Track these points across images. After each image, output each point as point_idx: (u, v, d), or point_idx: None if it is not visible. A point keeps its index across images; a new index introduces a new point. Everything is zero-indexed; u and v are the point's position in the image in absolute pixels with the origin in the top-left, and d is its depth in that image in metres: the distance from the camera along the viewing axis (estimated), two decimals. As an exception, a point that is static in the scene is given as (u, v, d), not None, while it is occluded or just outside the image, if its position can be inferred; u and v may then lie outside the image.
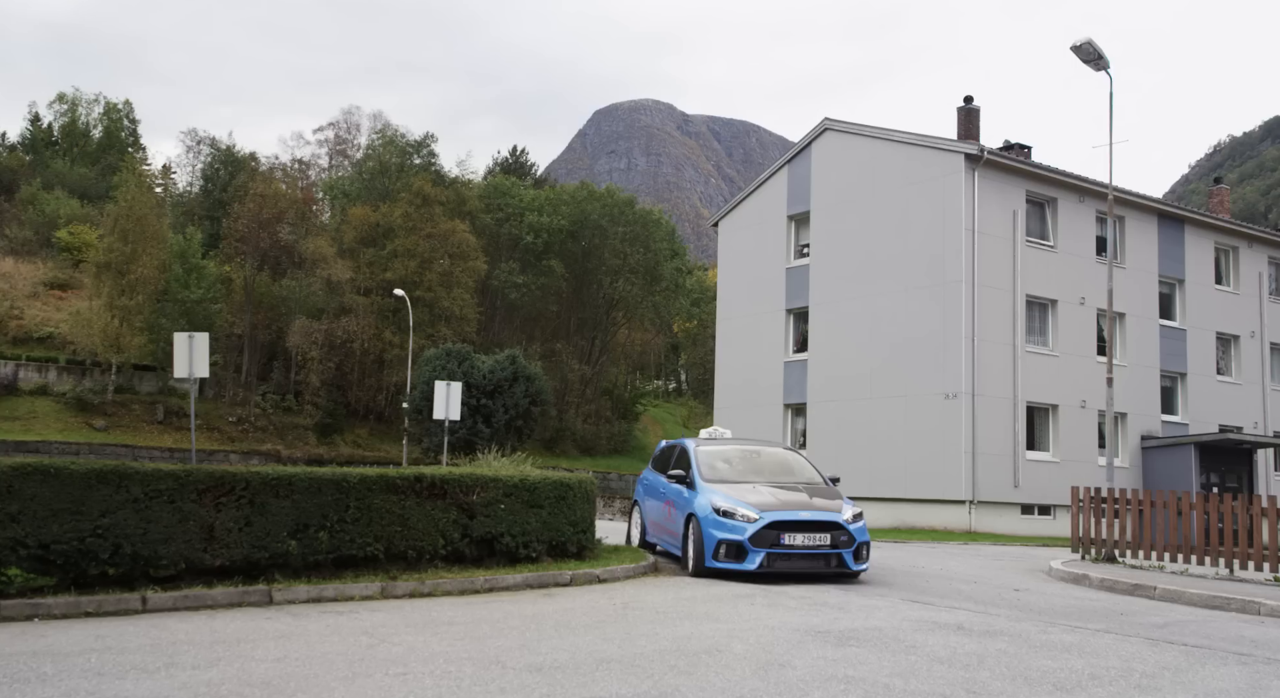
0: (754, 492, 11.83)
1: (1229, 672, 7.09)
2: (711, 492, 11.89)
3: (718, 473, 12.60)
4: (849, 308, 30.82)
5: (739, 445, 14.09)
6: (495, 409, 42.96)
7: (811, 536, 11.25)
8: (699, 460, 12.82)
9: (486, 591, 10.05)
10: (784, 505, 11.50)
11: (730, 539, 11.25)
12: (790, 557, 11.23)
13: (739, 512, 11.33)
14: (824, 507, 11.65)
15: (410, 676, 5.91)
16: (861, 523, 11.74)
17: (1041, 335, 29.67)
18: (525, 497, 11.31)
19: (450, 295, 57.19)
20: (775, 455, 13.86)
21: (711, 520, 11.47)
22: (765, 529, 11.16)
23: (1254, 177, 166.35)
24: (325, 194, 70.51)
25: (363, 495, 9.70)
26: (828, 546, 11.29)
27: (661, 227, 72.20)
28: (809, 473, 13.20)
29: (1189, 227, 33.59)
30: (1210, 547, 14.55)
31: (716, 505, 11.53)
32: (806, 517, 11.38)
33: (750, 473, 12.79)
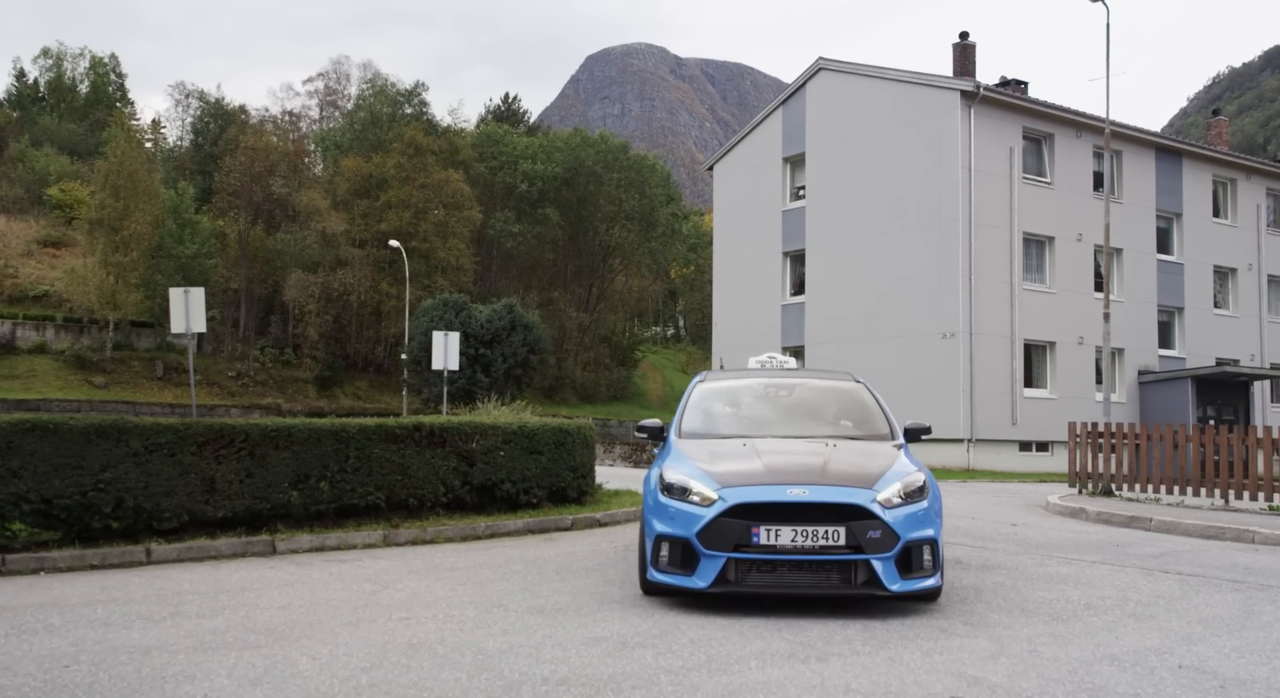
0: (741, 452, 6.97)
1: (1222, 598, 7.18)
2: (675, 454, 7.11)
3: (708, 422, 7.93)
4: (846, 249, 30.71)
5: (765, 378, 8.77)
6: (494, 358, 43.00)
7: (810, 529, 6.10)
8: (688, 403, 8.17)
9: (488, 536, 10.15)
10: (771, 476, 6.44)
11: (671, 536, 6.34)
12: (774, 566, 6.15)
13: (691, 487, 6.42)
14: (843, 477, 6.44)
15: (413, 620, 5.99)
16: (917, 507, 6.36)
17: (1039, 273, 29.62)
18: (524, 443, 11.37)
19: (446, 246, 56.93)
20: (816, 393, 8.68)
21: (653, 503, 6.64)
22: (724, 518, 6.17)
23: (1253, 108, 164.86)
24: (317, 146, 69.84)
25: (362, 445, 9.74)
26: (841, 547, 6.10)
27: (656, 172, 71.64)
28: (864, 418, 8.01)
29: (1187, 160, 33.35)
30: (1206, 478, 14.67)
31: (665, 478, 6.66)
32: (801, 496, 6.18)
33: (762, 421, 7.98)
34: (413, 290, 50.56)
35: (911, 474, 6.55)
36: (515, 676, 4.73)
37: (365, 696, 4.37)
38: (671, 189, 76.79)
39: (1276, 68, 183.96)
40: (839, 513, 6.11)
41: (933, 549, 6.30)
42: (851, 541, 6.05)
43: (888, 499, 6.22)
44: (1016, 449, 28.14)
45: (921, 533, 6.25)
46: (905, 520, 6.20)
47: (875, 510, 6.13)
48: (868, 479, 6.38)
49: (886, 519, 6.13)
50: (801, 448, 7.11)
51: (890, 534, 6.11)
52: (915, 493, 6.39)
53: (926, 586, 6.27)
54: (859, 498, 6.17)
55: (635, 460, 27.83)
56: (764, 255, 33.74)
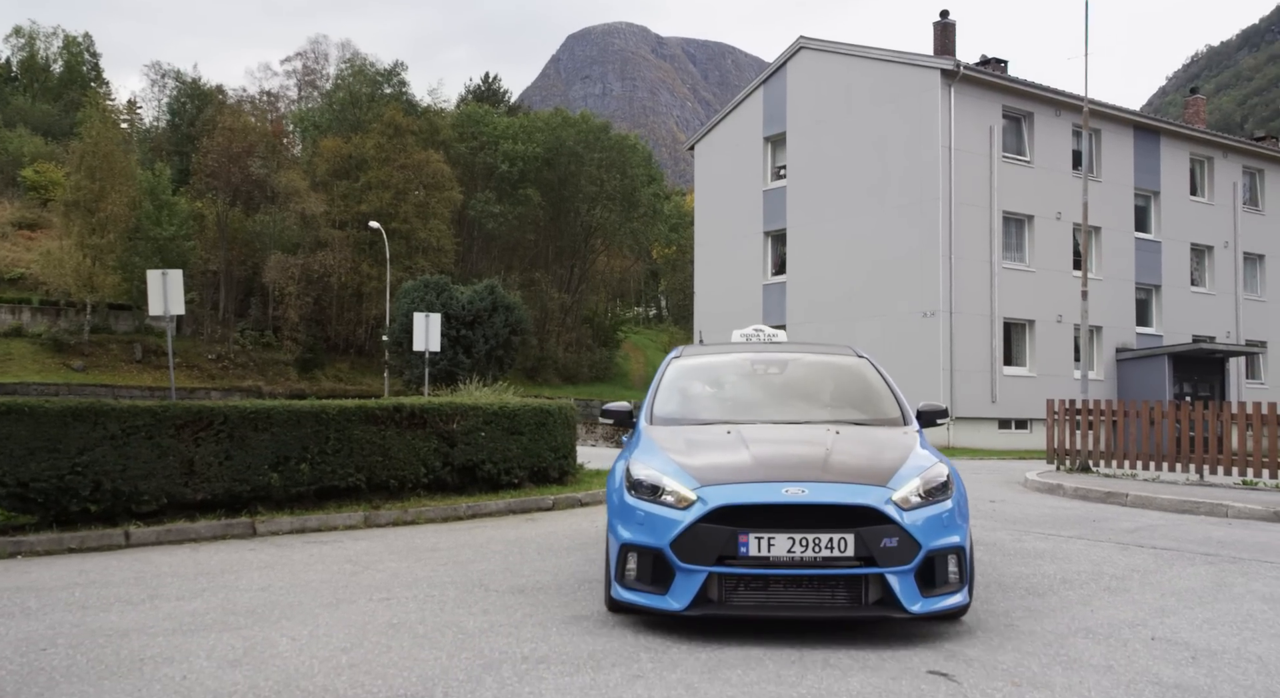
0: (725, 442, 5.77)
1: (1195, 571, 7.28)
2: (645, 444, 5.92)
3: (685, 405, 6.66)
4: (827, 229, 30.75)
5: (751, 354, 7.40)
6: (475, 340, 42.88)
7: (810, 537, 4.95)
8: (662, 383, 6.86)
9: (469, 517, 10.16)
10: (762, 471, 5.27)
11: (639, 545, 5.19)
12: (766, 582, 4.99)
13: (664, 485, 5.26)
14: (850, 472, 5.31)
15: (394, 600, 6.00)
16: (940, 508, 5.21)
17: (1018, 251, 29.76)
18: (505, 424, 11.38)
19: (426, 226, 56.64)
20: (812, 370, 7.31)
21: (618, 504, 5.47)
22: (705, 524, 5.02)
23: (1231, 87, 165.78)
24: (295, 126, 69.22)
25: (342, 427, 9.72)
26: (849, 558, 4.95)
27: (638, 152, 71.36)
28: (869, 399, 6.75)
29: (1165, 138, 33.51)
30: (1181, 454, 14.83)
31: (632, 473, 5.50)
32: (800, 496, 5.04)
33: (749, 404, 6.74)
34: (393, 272, 50.31)
35: (932, 467, 5.39)
36: (495, 654, 4.75)
37: (345, 676, 4.38)
38: (653, 169, 76.54)
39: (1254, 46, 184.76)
40: (846, 517, 4.95)
41: (960, 559, 5.15)
42: (862, 551, 4.87)
43: (905, 499, 5.06)
44: (996, 427, 28.35)
45: (946, 540, 5.07)
46: (927, 524, 5.02)
47: (890, 513, 4.95)
48: (880, 474, 5.21)
49: (905, 524, 4.95)
50: (798, 436, 5.94)
51: (909, 542, 4.93)
52: (937, 490, 5.22)
53: (952, 604, 5.08)
54: (870, 498, 5.01)
55: (617, 441, 27.89)
56: (745, 235, 33.74)
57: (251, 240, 56.31)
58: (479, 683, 4.28)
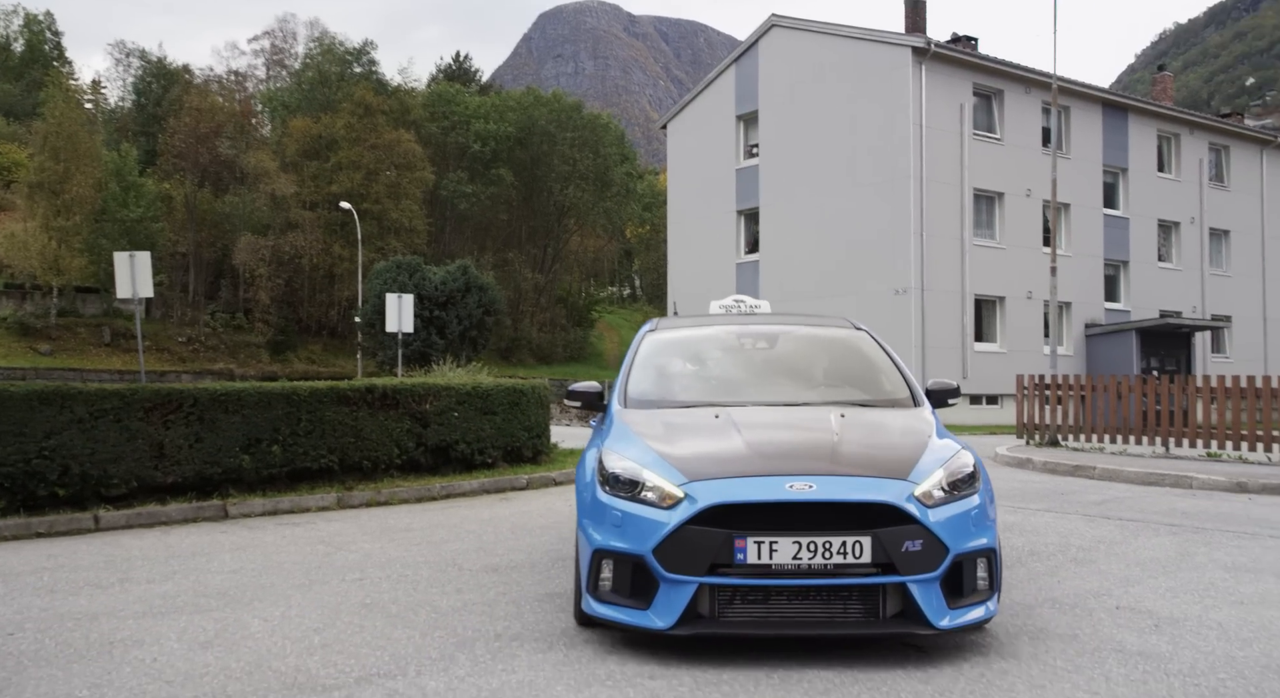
0: (713, 427, 5.00)
1: (1160, 542, 7.41)
2: (619, 430, 5.09)
3: (662, 385, 5.81)
4: (799, 207, 30.80)
5: (736, 326, 6.54)
6: (449, 320, 42.71)
7: (820, 540, 4.22)
8: (636, 360, 6.00)
9: (443, 497, 10.16)
10: (760, 462, 4.55)
11: (616, 551, 4.42)
12: (766, 594, 4.29)
13: (644, 480, 4.49)
14: (863, 462, 4.62)
15: (367, 581, 6.00)
16: (968, 503, 4.51)
17: (989, 228, 29.95)
18: (478, 404, 11.37)
19: (398, 207, 56.21)
20: (806, 344, 6.54)
21: (590, 502, 4.70)
22: (694, 527, 4.27)
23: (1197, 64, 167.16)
24: (264, 106, 68.32)
25: (314, 408, 9.68)
26: (865, 565, 4.23)
27: (610, 131, 71.03)
28: (873, 376, 5.96)
29: (1132, 115, 33.75)
30: (1148, 428, 15.04)
31: (606, 465, 4.70)
32: (807, 493, 4.31)
33: (736, 383, 5.86)
34: (365, 253, 49.96)
35: (956, 455, 4.67)
36: (469, 633, 4.77)
37: (318, 656, 4.39)
38: (626, 148, 76.21)
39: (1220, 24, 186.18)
40: (862, 516, 4.22)
41: (990, 563, 4.47)
42: (880, 556, 4.14)
43: (928, 494, 4.33)
44: (967, 402, 28.60)
45: (976, 541, 4.37)
46: (954, 524, 4.31)
47: (913, 512, 4.23)
48: (899, 465, 4.48)
49: (930, 524, 4.23)
50: (798, 420, 5.16)
51: (935, 545, 4.22)
52: (964, 482, 4.51)
53: (981, 615, 4.39)
54: (890, 493, 4.28)
55: (591, 420, 27.91)
56: (718, 214, 33.74)
57: (221, 222, 55.71)
58: (452, 661, 4.30)
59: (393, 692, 3.88)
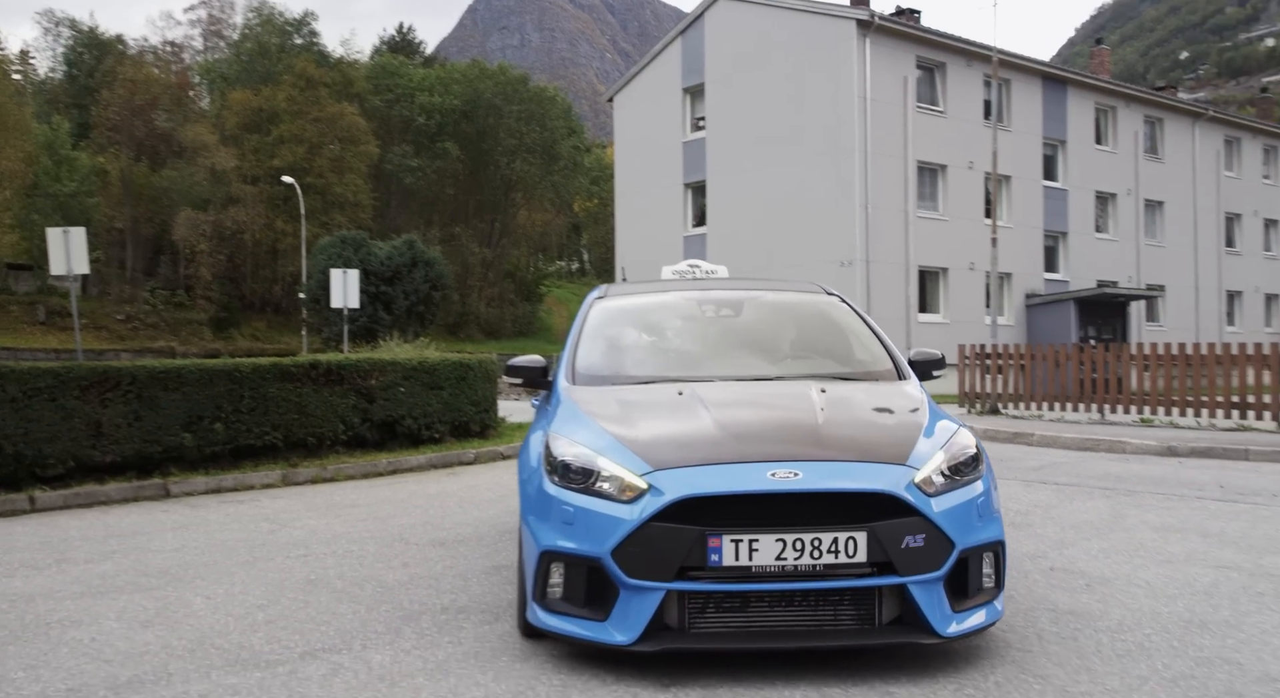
0: (676, 406, 4.38)
1: (1093, 505, 7.62)
2: (568, 410, 4.46)
3: (615, 358, 5.15)
4: (746, 180, 30.89)
5: (697, 292, 5.83)
6: (395, 296, 42.30)
7: (808, 537, 3.58)
8: (584, 330, 5.33)
9: (390, 473, 10.12)
10: (734, 446, 3.88)
11: (568, 553, 3.77)
12: (745, 600, 3.68)
13: (600, 468, 3.83)
14: (853, 445, 3.97)
15: (312, 557, 5.98)
16: (972, 491, 3.90)
17: (932, 201, 30.30)
18: (425, 379, 11.31)
19: (342, 181, 55.44)
20: (776, 312, 5.75)
21: (535, 495, 4.05)
22: (660, 524, 3.61)
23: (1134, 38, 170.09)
24: (202, 78, 66.75)
25: (257, 385, 9.56)
26: (859, 565, 3.60)
27: (557, 104, 70.53)
28: (850, 347, 5.35)
29: (1071, 88, 34.26)
30: (1085, 395, 15.40)
31: (554, 451, 4.04)
32: (792, 482, 3.65)
33: (699, 355, 5.18)
34: (309, 228, 49.22)
35: (956, 435, 4.10)
36: (415, 606, 4.78)
37: (262, 632, 4.37)
38: (573, 122, 75.80)
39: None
40: (855, 507, 3.62)
41: (998, 558, 3.93)
42: (877, 554, 3.56)
43: (928, 480, 3.74)
44: (912, 373, 29.00)
45: (984, 534, 3.82)
46: (959, 514, 3.72)
47: (914, 502, 3.64)
48: (894, 448, 3.87)
49: (933, 515, 3.64)
50: (774, 396, 4.50)
51: (939, 540, 3.64)
52: (966, 466, 3.93)
53: (988, 619, 3.84)
54: (887, 480, 3.68)
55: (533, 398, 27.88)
56: (665, 187, 33.73)
57: (159, 197, 54.50)
58: (398, 635, 4.31)
59: (337, 666, 3.88)
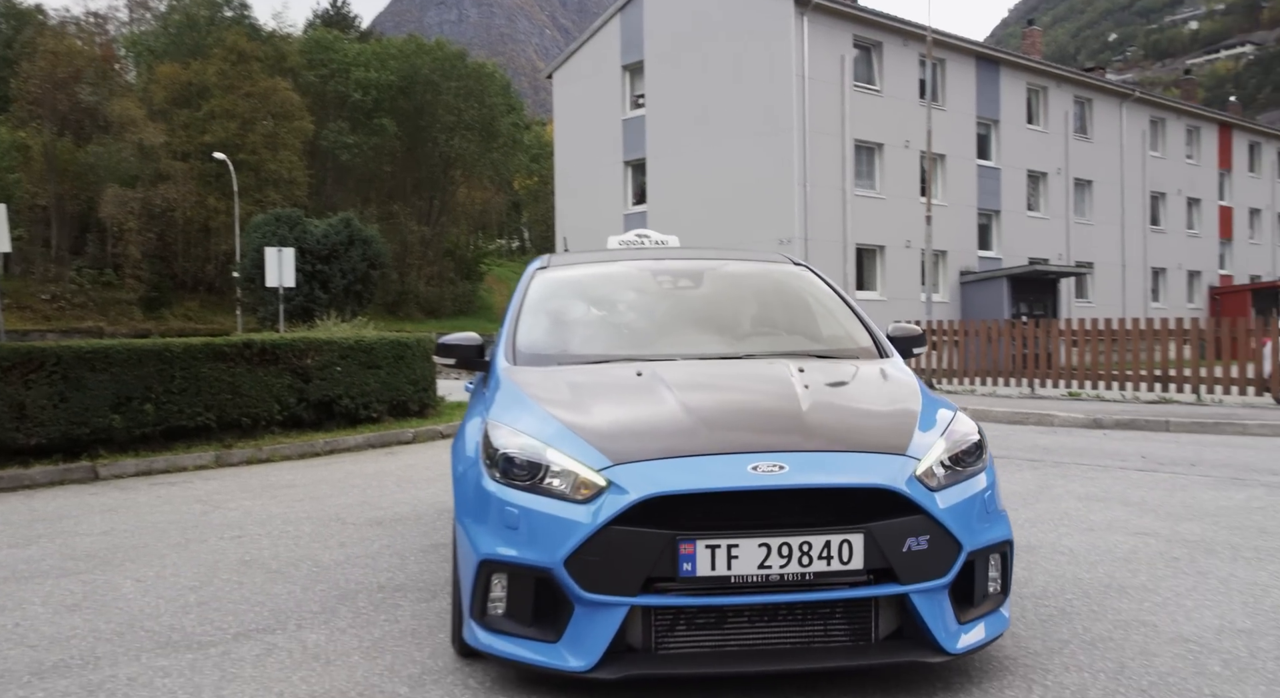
0: (635, 388, 3.77)
1: (1022, 476, 7.82)
2: (508, 393, 3.86)
3: (561, 335, 4.57)
4: (686, 159, 30.92)
5: (651, 262, 5.22)
6: (332, 274, 41.71)
7: (795, 541, 3.03)
8: (525, 304, 4.71)
9: (327, 453, 10.03)
10: (707, 436, 3.29)
11: (513, 563, 3.18)
12: (722, 615, 3.11)
13: (549, 461, 3.24)
14: (844, 435, 3.41)
15: (246, 538, 5.91)
16: (976, 484, 3.38)
17: (869, 179, 30.62)
18: (362, 358, 11.21)
19: (276, 158, 54.34)
20: (740, 284, 5.18)
21: (473, 494, 3.43)
22: (622, 528, 3.03)
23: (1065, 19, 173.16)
24: (128, 51, 64.82)
25: (188, 365, 9.39)
26: (855, 572, 3.07)
27: (495, 81, 69.77)
28: (822, 323, 4.83)
29: (1004, 68, 34.79)
30: (1016, 370, 15.75)
31: (494, 442, 3.41)
32: (776, 477, 3.10)
33: (656, 332, 4.59)
34: (243, 205, 48.25)
35: (956, 420, 3.61)
36: (351, 585, 4.76)
37: (194, 614, 4.33)
38: (512, 98, 75.06)
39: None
40: (848, 505, 3.11)
41: (1005, 560, 3.44)
42: (875, 559, 3.05)
43: (930, 472, 3.25)
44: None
45: (992, 533, 3.35)
46: (965, 511, 3.24)
47: (916, 497, 3.13)
48: (891, 435, 3.37)
49: (938, 513, 3.15)
50: (747, 377, 3.97)
51: (945, 541, 3.15)
52: (969, 455, 3.43)
53: (996, 630, 3.37)
54: (886, 473, 3.17)
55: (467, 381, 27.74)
56: (605, 165, 33.64)
57: (84, 173, 52.95)
58: (333, 614, 4.29)
59: (271, 646, 3.86)
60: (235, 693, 3.34)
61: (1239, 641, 3.75)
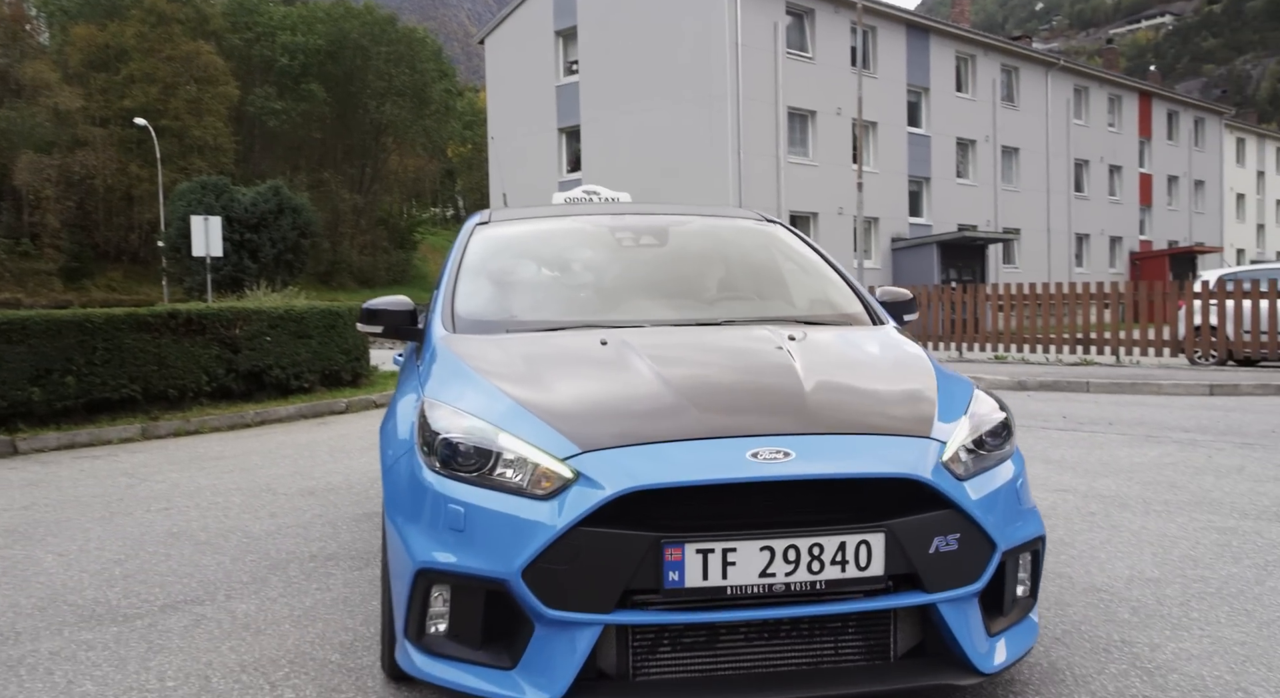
0: (603, 361, 3.13)
1: (946, 438, 8.00)
2: (447, 366, 3.23)
3: (506, 298, 3.91)
4: (620, 126, 30.79)
5: (609, 218, 4.60)
6: (261, 243, 40.91)
7: (803, 544, 2.48)
8: (463, 263, 4.03)
9: (258, 423, 9.90)
10: (695, 418, 2.68)
11: (457, 573, 2.57)
12: (713, 633, 2.55)
13: (500, 448, 2.64)
14: (857, 415, 2.81)
15: (174, 510, 5.83)
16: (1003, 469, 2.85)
17: (802, 146, 30.81)
18: (292, 328, 11.04)
19: (201, 124, 52.96)
20: (708, 240, 4.62)
21: (408, 489, 2.79)
22: (595, 529, 2.44)
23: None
24: (39, 11, 62.41)
25: (111, 336, 9.16)
26: (874, 580, 2.51)
27: (427, 46, 68.61)
28: (806, 286, 4.25)
29: (934, 36, 35.15)
30: (946, 333, 16.07)
31: (433, 424, 2.77)
32: (780, 465, 2.52)
33: (619, 294, 3.98)
34: (167, 173, 46.95)
35: (976, 397, 3.07)
36: (282, 555, 4.73)
37: (119, 587, 4.26)
38: (444, 64, 73.88)
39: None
40: (864, 499, 2.61)
41: (1035, 559, 2.93)
42: (897, 562, 2.54)
43: (956, 457, 2.74)
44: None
45: (1027, 529, 2.85)
46: (997, 503, 2.74)
47: (945, 489, 2.62)
48: (911, 415, 2.84)
49: (970, 506, 2.64)
50: (733, 348, 3.35)
51: (978, 540, 2.65)
52: (994, 436, 2.89)
53: (1030, 641, 2.88)
54: (909, 459, 2.64)
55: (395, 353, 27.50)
56: (539, 132, 33.36)
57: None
58: (264, 583, 4.26)
59: (200, 617, 3.83)
60: (162, 665, 3.31)
61: (1147, 589, 3.91)
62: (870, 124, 31.55)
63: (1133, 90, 45.47)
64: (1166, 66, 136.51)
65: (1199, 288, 14.33)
